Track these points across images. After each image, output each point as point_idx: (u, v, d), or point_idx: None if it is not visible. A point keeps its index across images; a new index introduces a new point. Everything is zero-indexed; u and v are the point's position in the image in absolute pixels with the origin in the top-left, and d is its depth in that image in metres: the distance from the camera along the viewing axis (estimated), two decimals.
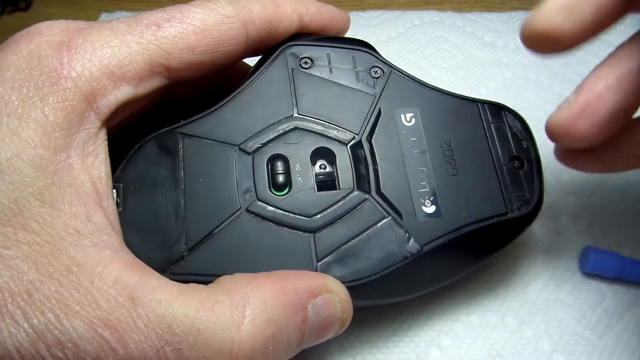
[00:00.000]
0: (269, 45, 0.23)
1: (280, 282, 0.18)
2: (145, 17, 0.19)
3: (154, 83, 0.19)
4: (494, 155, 0.22)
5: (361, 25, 0.40)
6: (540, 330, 0.25)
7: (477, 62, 0.37)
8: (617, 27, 0.18)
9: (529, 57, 0.38)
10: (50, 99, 0.16)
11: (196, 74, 0.20)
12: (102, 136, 0.18)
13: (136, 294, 0.16)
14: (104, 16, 0.42)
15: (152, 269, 0.17)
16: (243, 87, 0.22)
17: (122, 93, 0.18)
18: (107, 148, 0.18)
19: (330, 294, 0.19)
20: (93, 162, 0.18)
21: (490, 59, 0.38)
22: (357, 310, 0.20)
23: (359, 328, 0.25)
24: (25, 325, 0.15)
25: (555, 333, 0.25)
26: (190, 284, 0.17)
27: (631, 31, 0.19)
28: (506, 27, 0.40)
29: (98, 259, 0.16)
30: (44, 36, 0.17)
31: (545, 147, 0.23)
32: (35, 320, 0.15)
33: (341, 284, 0.19)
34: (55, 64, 0.17)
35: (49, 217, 0.16)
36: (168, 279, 0.17)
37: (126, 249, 0.17)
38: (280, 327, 0.17)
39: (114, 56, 0.18)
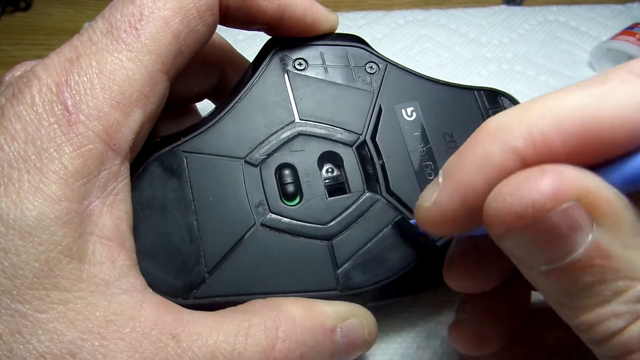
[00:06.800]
0: (243, 21, 0.21)
1: (309, 306, 0.19)
2: (120, 21, 0.18)
3: (158, 92, 0.18)
4: None
5: (346, 27, 0.40)
6: None
7: (462, 59, 0.38)
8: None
9: (513, 52, 0.38)
10: (66, 148, 0.16)
11: (186, 60, 0.19)
12: (124, 171, 0.18)
13: (176, 331, 0.16)
14: None
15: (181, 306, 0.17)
16: (240, 95, 0.21)
17: (134, 121, 0.17)
18: (128, 184, 0.18)
19: (357, 318, 0.20)
20: (113, 202, 0.17)
21: (475, 56, 0.38)
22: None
23: None
24: None
25: None
26: (221, 310, 0.18)
27: None
28: (489, 22, 0.40)
29: (132, 304, 0.16)
30: (42, 79, 0.17)
31: None
32: None
33: (366, 309, 0.20)
34: (62, 110, 0.16)
35: (78, 272, 0.16)
36: (200, 312, 0.17)
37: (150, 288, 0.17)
38: (309, 348, 0.18)
39: (114, 84, 0.17)
